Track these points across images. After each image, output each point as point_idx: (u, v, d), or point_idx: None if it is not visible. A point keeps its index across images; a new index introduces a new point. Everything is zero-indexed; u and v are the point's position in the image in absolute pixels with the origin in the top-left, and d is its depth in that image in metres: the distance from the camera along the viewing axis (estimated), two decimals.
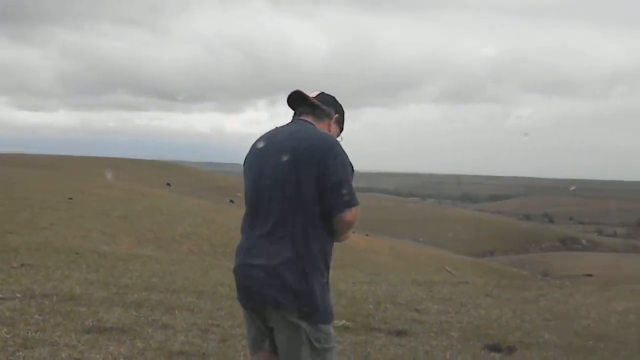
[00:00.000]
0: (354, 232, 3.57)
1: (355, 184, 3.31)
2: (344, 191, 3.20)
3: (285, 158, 3.21)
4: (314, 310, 3.19)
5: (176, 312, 7.63)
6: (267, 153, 3.33)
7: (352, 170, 3.29)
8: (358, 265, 22.51)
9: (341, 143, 3.49)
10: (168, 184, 55.06)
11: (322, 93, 3.54)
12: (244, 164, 3.49)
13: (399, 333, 7.43)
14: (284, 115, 3.55)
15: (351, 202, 3.23)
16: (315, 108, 3.45)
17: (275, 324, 3.27)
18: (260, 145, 3.41)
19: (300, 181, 3.18)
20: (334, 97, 3.56)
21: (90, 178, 40.29)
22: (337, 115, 3.53)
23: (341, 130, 3.60)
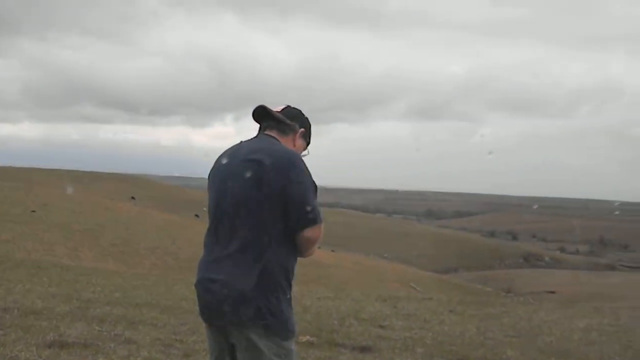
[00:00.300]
0: (319, 248, 3.54)
1: (321, 199, 3.29)
2: (307, 208, 3.18)
3: (247, 174, 3.19)
4: (275, 326, 3.17)
5: (139, 327, 7.56)
6: (229, 168, 3.31)
7: (315, 187, 3.27)
8: (323, 281, 22.54)
9: (307, 157, 3.48)
10: (133, 197, 54.68)
11: (288, 107, 3.52)
12: (208, 179, 3.46)
13: (363, 349, 7.42)
14: (252, 129, 3.50)
15: (314, 220, 3.21)
16: (279, 123, 3.42)
17: (236, 340, 3.23)
18: (224, 160, 3.38)
19: (262, 198, 3.15)
20: (299, 111, 3.54)
21: (54, 191, 39.86)
22: (302, 129, 3.50)
23: (307, 144, 3.57)
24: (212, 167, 3.46)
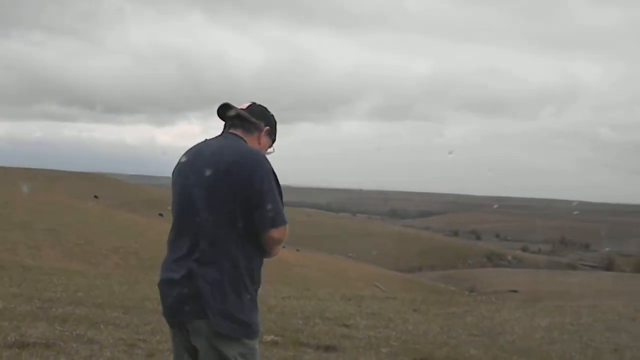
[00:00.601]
0: (284, 247, 3.54)
1: (286, 198, 3.28)
2: (269, 207, 3.15)
3: (210, 173, 3.17)
4: (238, 326, 3.16)
5: (102, 326, 7.49)
6: (192, 167, 3.27)
7: (279, 187, 3.25)
8: (288, 280, 22.53)
9: (273, 154, 3.47)
10: (96, 196, 54.20)
11: (253, 104, 3.49)
12: (172, 177, 3.42)
13: (328, 348, 7.42)
14: (218, 128, 3.46)
15: (277, 220, 3.19)
16: (244, 121, 3.39)
17: (198, 340, 3.22)
18: (186, 159, 3.35)
19: (224, 197, 3.13)
20: (265, 108, 3.51)
21: (16, 190, 39.36)
22: (267, 127, 3.47)
23: (273, 141, 3.55)
24: (175, 166, 3.42)
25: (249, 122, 3.39)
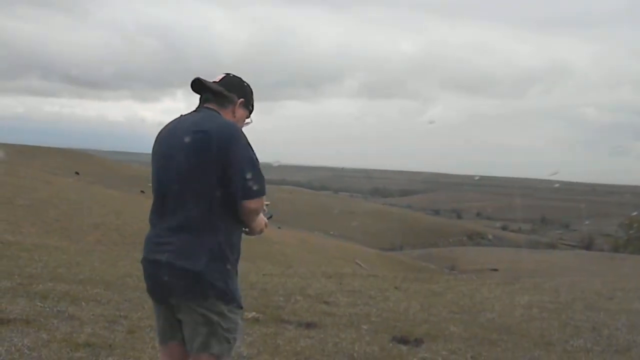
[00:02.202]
0: (266, 226, 3.55)
1: (267, 176, 3.30)
2: (248, 179, 3.18)
3: (188, 148, 3.18)
4: (223, 299, 3.20)
5: (83, 303, 7.49)
6: (170, 142, 3.29)
7: (256, 159, 3.26)
8: (269, 258, 22.55)
9: (250, 125, 3.49)
10: (77, 172, 53.88)
11: (227, 75, 3.48)
12: (151, 153, 3.43)
13: (309, 325, 7.46)
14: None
15: (256, 191, 3.22)
16: (217, 95, 3.40)
17: (182, 314, 3.26)
18: (164, 134, 3.37)
19: (204, 171, 3.15)
20: (239, 79, 3.50)
21: None
22: (241, 99, 3.47)
23: (250, 112, 3.55)
24: (154, 142, 3.43)
25: (222, 95, 3.39)
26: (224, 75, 3.49)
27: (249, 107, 3.53)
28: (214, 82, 3.43)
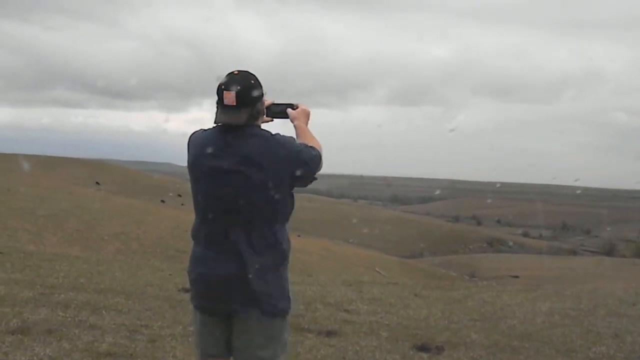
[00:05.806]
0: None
1: None
2: (305, 158, 3.24)
3: (247, 177, 3.14)
4: (279, 308, 3.26)
5: (104, 312, 7.52)
6: (222, 164, 3.20)
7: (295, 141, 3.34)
8: (289, 266, 22.52)
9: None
10: (97, 182, 54.14)
11: (239, 90, 3.18)
12: (189, 166, 3.33)
13: (329, 333, 7.46)
14: None
15: (313, 157, 3.29)
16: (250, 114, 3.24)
17: (238, 326, 3.28)
18: (209, 151, 3.23)
19: (255, 187, 3.14)
20: (249, 88, 3.22)
21: (18, 176, 39.33)
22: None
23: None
24: (194, 155, 3.31)
25: (251, 115, 3.27)
26: (236, 91, 3.38)
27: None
28: (231, 105, 3.38)
